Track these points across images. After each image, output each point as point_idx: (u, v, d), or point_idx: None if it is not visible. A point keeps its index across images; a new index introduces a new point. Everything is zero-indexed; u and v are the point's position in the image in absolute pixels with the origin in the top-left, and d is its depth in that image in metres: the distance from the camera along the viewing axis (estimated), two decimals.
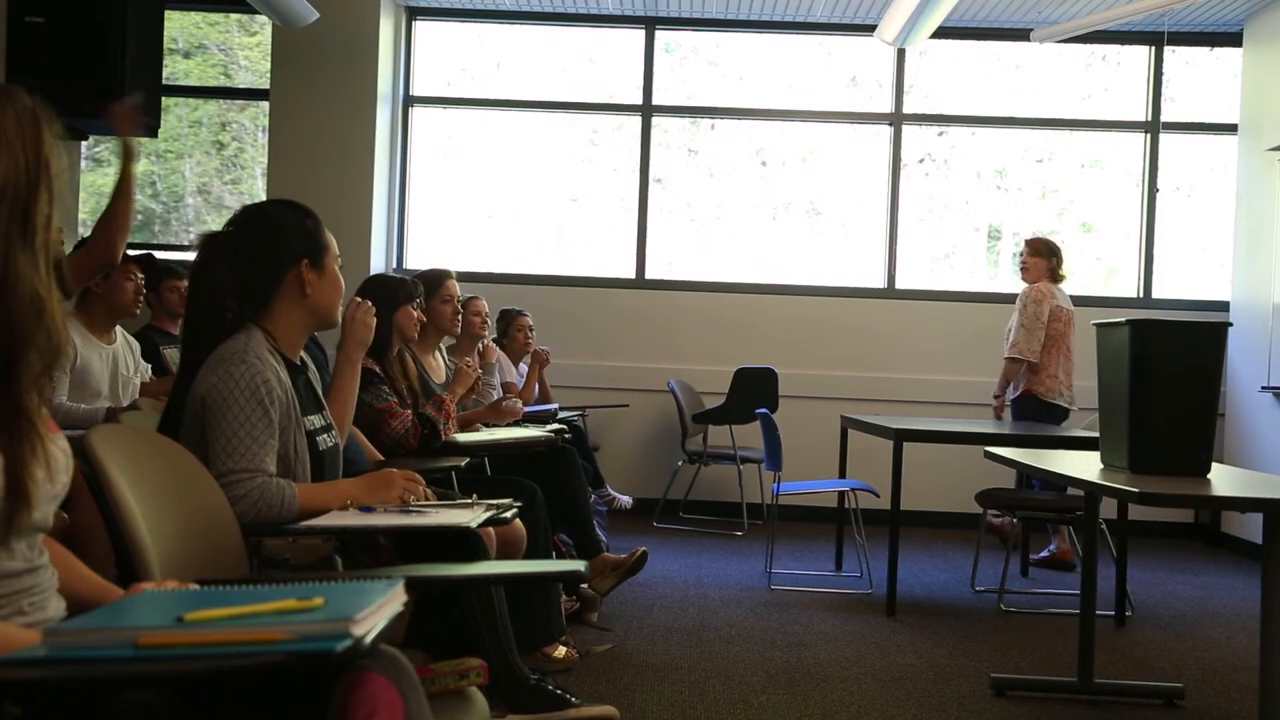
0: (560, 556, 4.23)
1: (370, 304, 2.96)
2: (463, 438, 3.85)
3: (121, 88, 5.07)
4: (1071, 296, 6.18)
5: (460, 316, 4.45)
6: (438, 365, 4.31)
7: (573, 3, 7.26)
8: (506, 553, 3.33)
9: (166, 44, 5.81)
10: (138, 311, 4.35)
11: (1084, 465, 3.46)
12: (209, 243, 2.46)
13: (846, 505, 5.65)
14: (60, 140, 1.47)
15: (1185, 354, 3.26)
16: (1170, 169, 7.51)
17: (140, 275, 4.31)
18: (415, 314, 3.92)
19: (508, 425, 4.45)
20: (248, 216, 2.51)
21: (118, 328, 4.34)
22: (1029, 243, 6.34)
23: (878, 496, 5.66)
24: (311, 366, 2.62)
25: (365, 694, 1.42)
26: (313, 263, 2.46)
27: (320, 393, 2.64)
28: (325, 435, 2.56)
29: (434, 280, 4.37)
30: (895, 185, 7.43)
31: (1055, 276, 6.10)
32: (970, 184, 7.70)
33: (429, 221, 7.65)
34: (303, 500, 2.31)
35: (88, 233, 4.01)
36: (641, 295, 7.38)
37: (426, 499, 2.56)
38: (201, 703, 1.54)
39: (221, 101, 7.89)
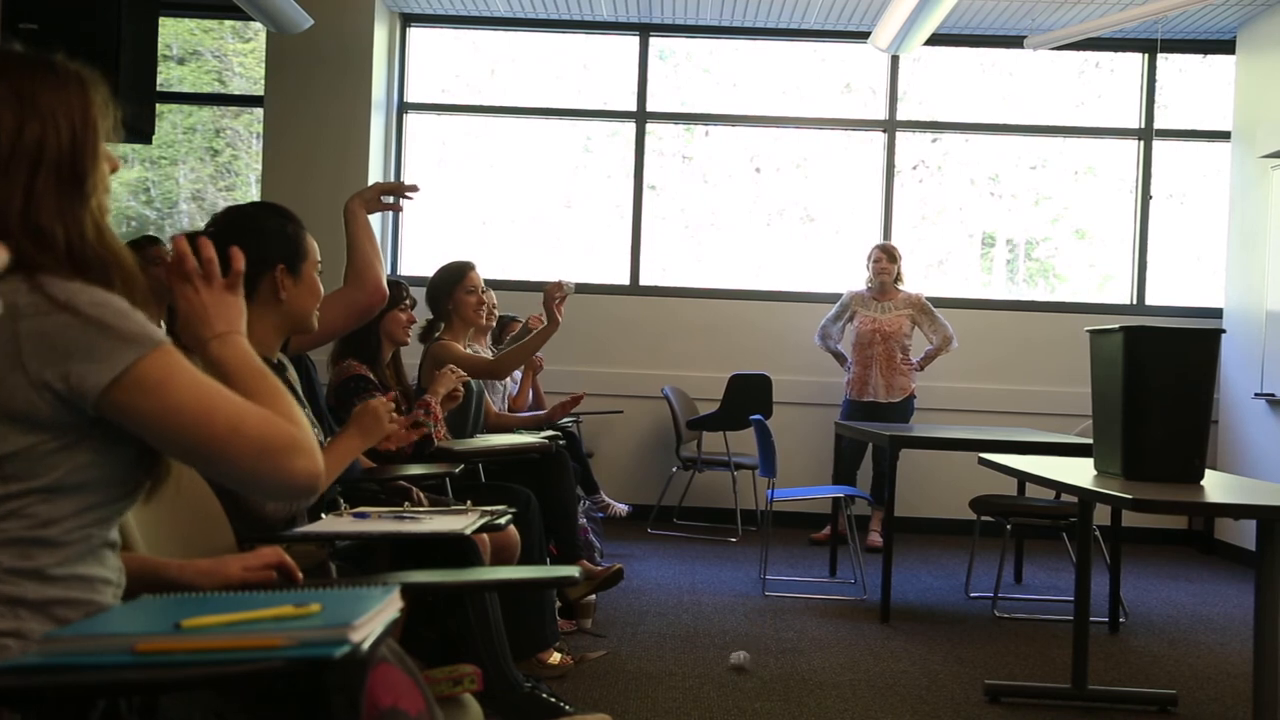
0: (555, 563, 4.22)
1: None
2: (458, 444, 3.85)
3: (115, 94, 5.06)
4: (1066, 303, 6.18)
5: (484, 308, 4.46)
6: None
7: (567, 10, 7.27)
8: (500, 559, 3.33)
9: (161, 50, 5.80)
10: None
11: (1078, 472, 3.48)
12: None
13: (841, 511, 5.65)
14: (108, 101, 1.49)
15: (1179, 361, 3.27)
16: (1164, 176, 7.53)
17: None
18: (404, 317, 3.91)
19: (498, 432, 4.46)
20: (228, 217, 2.51)
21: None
22: (889, 250, 6.69)
23: (872, 503, 5.68)
24: (290, 368, 2.61)
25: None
26: (289, 268, 2.45)
27: (300, 393, 2.64)
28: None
29: (456, 272, 4.39)
30: (889, 192, 7.45)
31: None
32: (964, 191, 7.72)
33: (424, 228, 7.64)
34: None
35: None
36: (636, 302, 7.38)
37: (422, 503, 2.56)
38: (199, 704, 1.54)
39: (216, 108, 7.89)
